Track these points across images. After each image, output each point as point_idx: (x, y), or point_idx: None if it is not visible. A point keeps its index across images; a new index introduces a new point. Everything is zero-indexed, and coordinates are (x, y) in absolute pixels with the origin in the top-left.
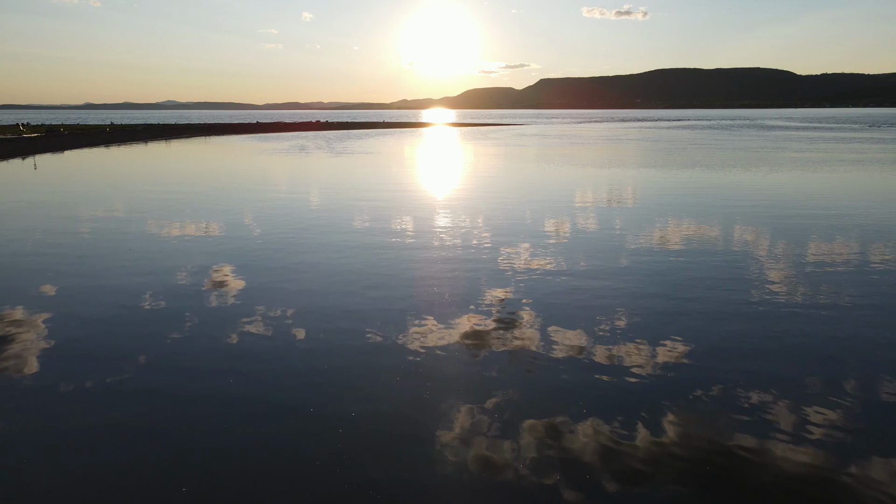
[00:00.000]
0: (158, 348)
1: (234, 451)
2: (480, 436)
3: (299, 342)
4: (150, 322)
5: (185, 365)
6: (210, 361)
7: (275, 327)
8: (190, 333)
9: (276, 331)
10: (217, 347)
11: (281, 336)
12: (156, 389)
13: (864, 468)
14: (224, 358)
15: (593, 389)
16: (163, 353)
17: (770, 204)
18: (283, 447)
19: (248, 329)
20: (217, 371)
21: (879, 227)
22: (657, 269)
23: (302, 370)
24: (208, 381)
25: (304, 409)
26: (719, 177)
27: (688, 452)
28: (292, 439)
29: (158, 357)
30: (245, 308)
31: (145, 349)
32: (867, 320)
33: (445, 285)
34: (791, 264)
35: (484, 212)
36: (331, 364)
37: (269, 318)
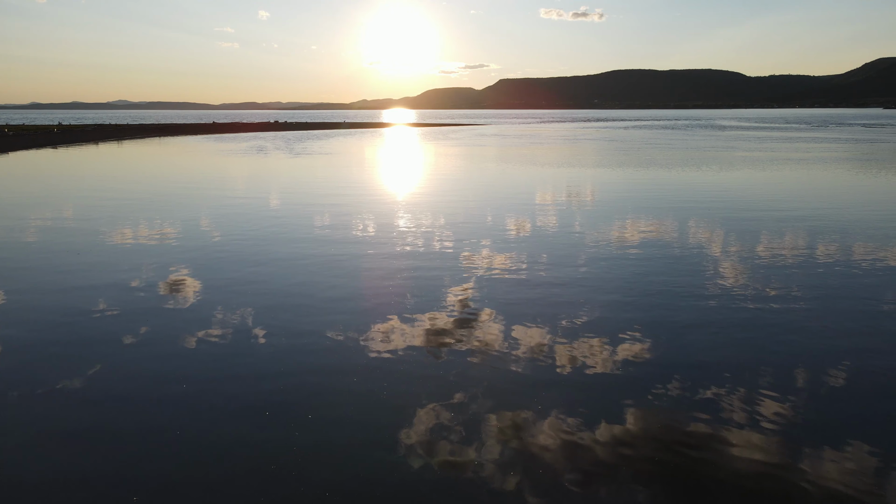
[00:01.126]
0: (109, 355)
1: (191, 458)
2: (443, 435)
3: (259, 346)
4: (100, 329)
5: (138, 371)
6: (164, 367)
7: (233, 331)
8: (143, 339)
9: (234, 335)
10: (172, 353)
11: (239, 340)
12: (107, 396)
13: (816, 458)
14: (179, 363)
15: (555, 386)
16: (114, 360)
17: (722, 201)
18: (240, 451)
19: (204, 334)
20: (172, 377)
21: (825, 223)
22: (616, 267)
23: (261, 373)
24: (163, 387)
25: (262, 413)
26: (674, 176)
27: (648, 446)
28: (250, 443)
29: (109, 364)
30: (201, 313)
31: (95, 356)
32: (816, 313)
33: (407, 286)
34: (743, 260)
35: (445, 212)
36: (290, 367)
37: (227, 322)
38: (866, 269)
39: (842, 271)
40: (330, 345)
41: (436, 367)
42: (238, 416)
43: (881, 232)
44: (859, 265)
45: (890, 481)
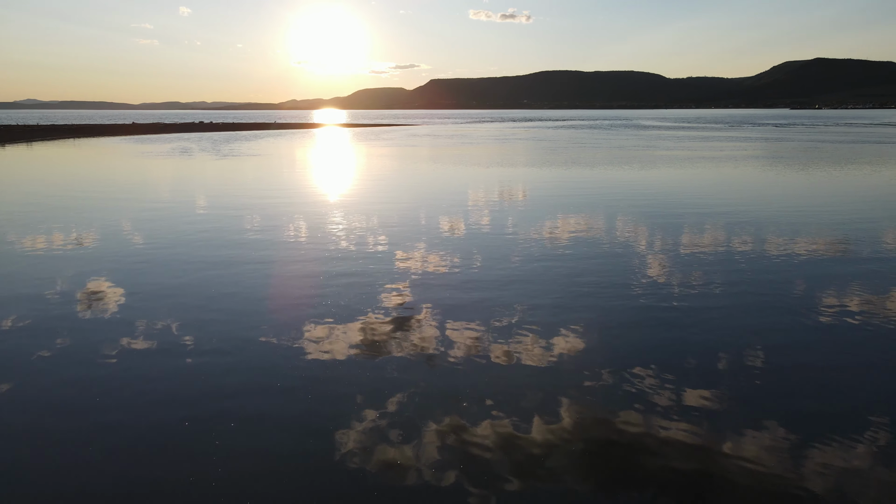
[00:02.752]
0: (16, 380)
1: (108, 486)
2: (381, 439)
3: (186, 355)
4: (6, 346)
5: (47, 399)
6: (78, 392)
7: (158, 344)
8: (57, 360)
9: (160, 348)
10: (90, 375)
11: (165, 353)
12: (13, 429)
13: (740, 443)
14: (100, 383)
15: (491, 385)
16: (22, 386)
17: (645, 199)
18: (164, 468)
19: (127, 347)
20: (88, 404)
21: (743, 218)
22: (548, 265)
23: (190, 385)
24: (70, 419)
25: (191, 424)
26: (600, 174)
27: (583, 440)
28: (173, 459)
29: (14, 391)
30: (120, 325)
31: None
32: (738, 306)
33: (341, 289)
34: (668, 255)
35: (378, 214)
36: (220, 378)
37: (152, 335)
38: (782, 262)
39: (758, 263)
40: (261, 352)
41: (371, 370)
42: (164, 433)
43: (794, 226)
44: (775, 258)
45: (804, 459)
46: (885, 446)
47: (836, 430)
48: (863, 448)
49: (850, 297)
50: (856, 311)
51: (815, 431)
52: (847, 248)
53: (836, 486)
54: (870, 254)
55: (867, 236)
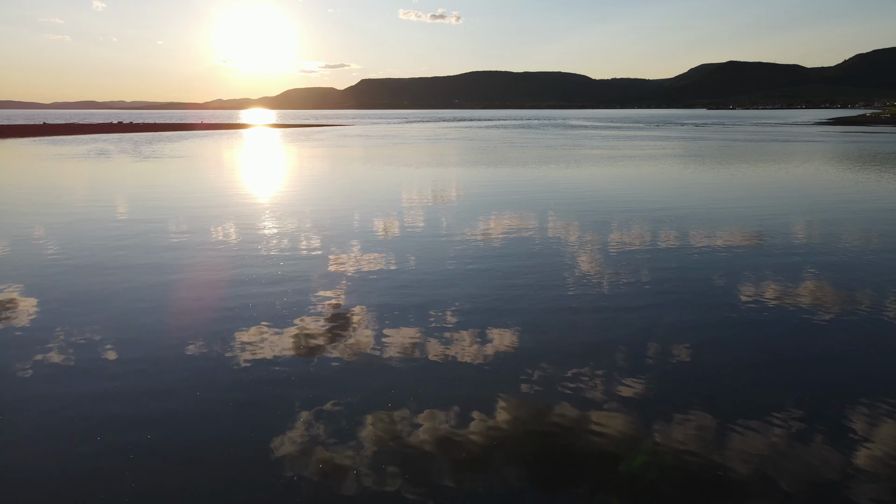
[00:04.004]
0: None
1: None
2: (318, 442)
3: (111, 365)
4: None
5: None
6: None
7: (78, 355)
8: None
9: (80, 359)
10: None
11: (87, 363)
12: None
13: (669, 431)
14: (11, 399)
15: (429, 383)
16: None
17: (574, 196)
18: (96, 480)
19: (43, 359)
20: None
21: (667, 216)
22: (483, 264)
23: (117, 396)
24: None
25: (121, 435)
26: (530, 173)
27: (520, 432)
28: (107, 471)
29: None
30: (34, 338)
31: None
32: (663, 298)
33: (274, 292)
34: (599, 253)
35: (311, 215)
36: (150, 386)
37: (71, 346)
38: (705, 257)
39: (684, 259)
40: (193, 359)
41: (307, 373)
42: (93, 445)
43: (714, 221)
44: (699, 253)
45: (729, 441)
46: (799, 430)
47: (756, 415)
48: (780, 431)
49: (767, 289)
50: (774, 303)
51: (737, 417)
52: (763, 241)
53: (758, 467)
54: (783, 246)
55: (780, 230)
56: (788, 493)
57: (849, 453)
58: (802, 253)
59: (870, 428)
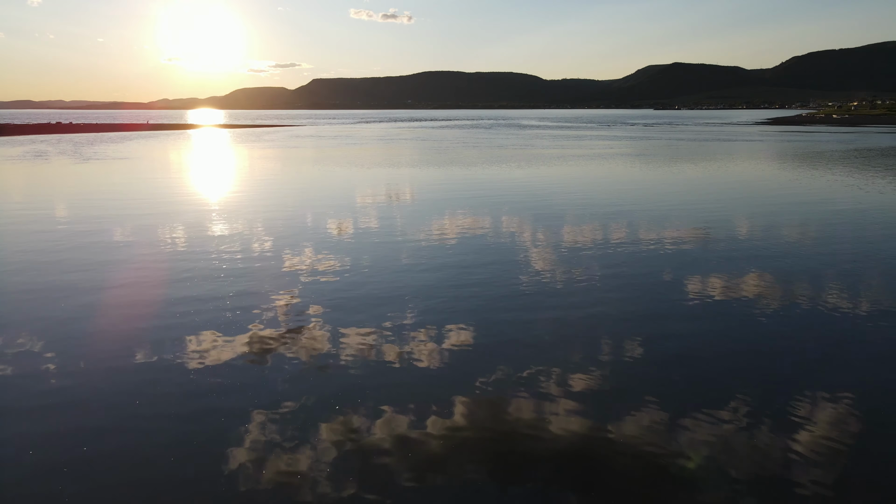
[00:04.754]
0: None
1: None
2: (273, 448)
3: (52, 378)
4: None
5: None
6: None
7: (15, 366)
8: None
9: (17, 371)
10: None
11: (24, 376)
12: None
13: (622, 424)
14: None
15: (385, 385)
16: None
17: (526, 196)
18: (31, 498)
19: None
20: None
21: (617, 213)
22: (437, 262)
23: (57, 409)
24: None
25: (65, 446)
26: (483, 173)
27: (477, 430)
28: (42, 488)
29: None
30: None
31: None
32: (614, 294)
33: (226, 296)
34: (551, 251)
35: (262, 217)
36: (91, 397)
37: (7, 358)
38: (654, 252)
39: (634, 255)
40: (138, 368)
41: (260, 378)
42: (37, 459)
43: (662, 218)
44: (649, 249)
45: (680, 432)
46: (746, 419)
47: (705, 406)
48: (728, 421)
49: (713, 283)
50: (720, 296)
51: (687, 409)
52: (708, 237)
53: (707, 456)
54: (728, 242)
55: (725, 226)
56: (737, 481)
57: (792, 439)
58: (745, 248)
59: (811, 415)
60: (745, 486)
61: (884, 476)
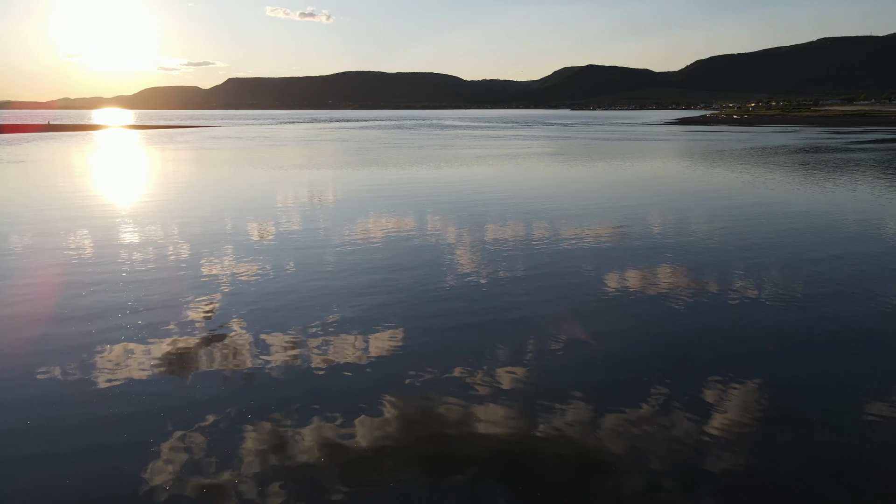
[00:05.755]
0: None
1: None
2: (194, 463)
3: None
4: None
5: None
6: None
7: None
8: None
9: None
10: None
11: None
12: None
13: (548, 419)
14: None
15: (312, 391)
16: None
17: (447, 195)
18: None
19: None
20: None
21: (537, 211)
22: (361, 265)
23: None
24: None
25: None
26: (404, 174)
27: (408, 431)
28: None
29: None
30: None
31: None
32: (537, 292)
33: (140, 307)
34: (475, 248)
35: (178, 222)
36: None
37: None
38: (575, 249)
39: (555, 252)
40: (45, 383)
41: (180, 390)
42: None
43: (581, 216)
44: (569, 245)
45: (603, 424)
46: (664, 408)
47: (626, 398)
48: (647, 410)
49: (632, 278)
50: (638, 290)
51: (610, 402)
52: (627, 233)
53: (630, 445)
54: (645, 238)
55: (642, 222)
56: (656, 468)
57: (705, 427)
58: (660, 244)
59: (722, 403)
60: (664, 473)
61: (788, 459)
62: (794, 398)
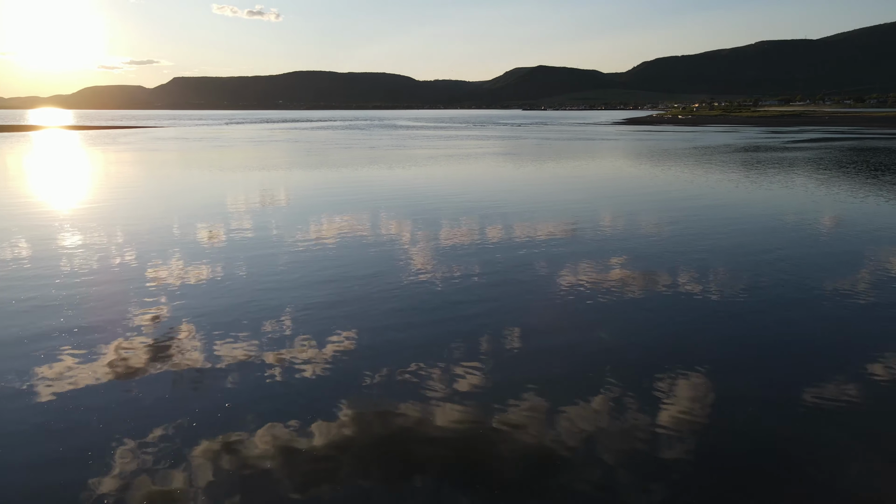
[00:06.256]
0: None
1: None
2: (144, 474)
3: None
4: None
5: None
6: None
7: None
8: None
9: None
10: None
11: None
12: None
13: (504, 416)
14: None
15: (266, 396)
16: None
17: (402, 195)
18: None
19: None
20: None
21: (491, 211)
22: (314, 267)
23: None
24: None
25: None
26: (356, 174)
27: (364, 435)
28: None
29: None
30: None
31: None
32: (491, 289)
33: (83, 313)
34: (428, 248)
35: (123, 226)
36: None
37: None
38: (528, 248)
39: (508, 250)
40: None
41: (127, 400)
42: None
43: (533, 214)
44: (523, 244)
45: (558, 419)
46: (618, 401)
47: (580, 392)
48: (600, 403)
49: (583, 274)
50: (589, 286)
51: (564, 397)
52: (578, 231)
53: (585, 438)
54: (595, 235)
55: (592, 220)
56: (610, 460)
57: (656, 417)
58: (610, 241)
59: (671, 394)
60: (618, 465)
61: (735, 446)
62: (740, 387)
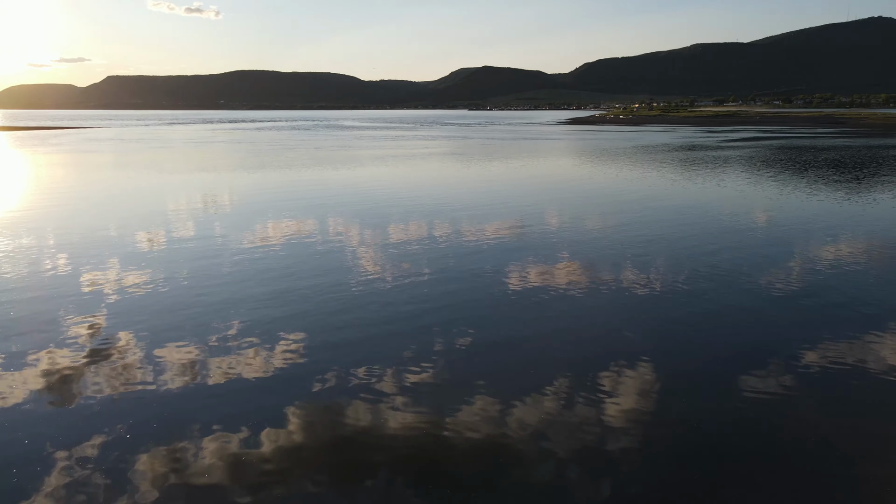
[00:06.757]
0: None
1: None
2: (82, 491)
3: None
4: None
5: None
6: None
7: None
8: None
9: None
10: None
11: None
12: None
13: (455, 414)
14: None
15: (213, 406)
16: None
17: (348, 197)
18: None
19: None
20: None
21: (439, 211)
22: (261, 271)
23: None
24: None
25: None
26: (300, 175)
27: (315, 440)
28: None
29: None
30: None
31: None
32: (439, 287)
33: (13, 324)
34: (376, 249)
35: (55, 232)
36: None
37: None
38: (477, 247)
39: (458, 249)
40: None
41: (65, 412)
42: None
43: (483, 214)
44: (472, 243)
45: (508, 415)
46: (566, 397)
47: (528, 388)
48: (550, 400)
49: (530, 271)
50: (536, 283)
51: (514, 393)
52: (524, 229)
53: (535, 434)
54: (542, 233)
55: (539, 219)
56: (562, 455)
57: (606, 412)
58: (556, 238)
59: (617, 388)
60: (569, 460)
61: (677, 437)
62: (680, 379)
